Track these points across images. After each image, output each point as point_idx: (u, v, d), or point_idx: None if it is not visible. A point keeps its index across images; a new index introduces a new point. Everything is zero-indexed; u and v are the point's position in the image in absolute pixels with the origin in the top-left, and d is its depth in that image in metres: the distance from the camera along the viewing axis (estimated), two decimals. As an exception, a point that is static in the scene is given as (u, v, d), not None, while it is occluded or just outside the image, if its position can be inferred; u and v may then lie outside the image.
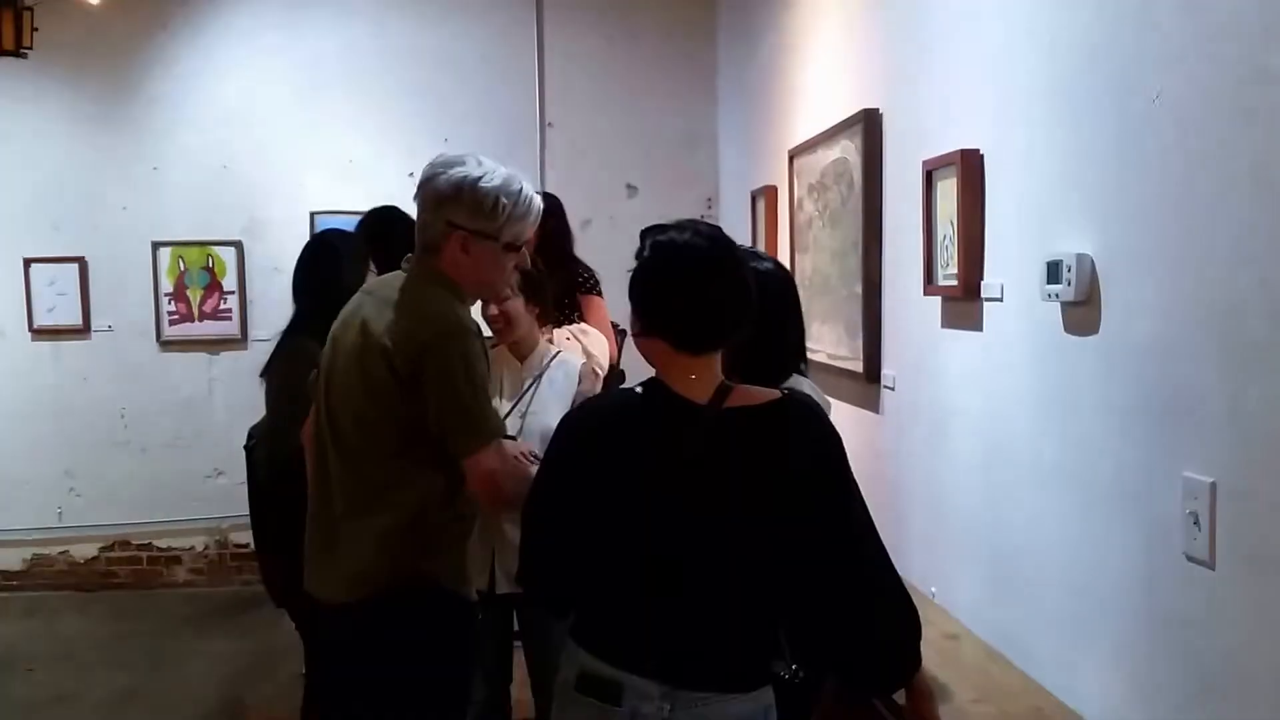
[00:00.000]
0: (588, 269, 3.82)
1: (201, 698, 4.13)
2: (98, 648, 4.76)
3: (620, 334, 3.84)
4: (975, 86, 2.45)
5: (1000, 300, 2.32)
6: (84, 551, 5.64)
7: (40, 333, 5.54)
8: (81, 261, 5.51)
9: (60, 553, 5.64)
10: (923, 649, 1.74)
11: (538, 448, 2.08)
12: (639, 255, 1.69)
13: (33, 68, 4.96)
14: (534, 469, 2.07)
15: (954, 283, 2.49)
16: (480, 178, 2.03)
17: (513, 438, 2.54)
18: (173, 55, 5.52)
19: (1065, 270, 1.95)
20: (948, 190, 2.51)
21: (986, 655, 2.33)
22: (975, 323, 2.44)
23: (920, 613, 1.75)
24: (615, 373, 3.82)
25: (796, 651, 1.72)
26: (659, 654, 1.59)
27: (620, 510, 1.62)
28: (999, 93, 2.33)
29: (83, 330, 5.55)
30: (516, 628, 2.82)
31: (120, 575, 5.65)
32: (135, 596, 5.52)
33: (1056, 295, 1.99)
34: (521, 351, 2.78)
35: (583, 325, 3.44)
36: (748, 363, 1.95)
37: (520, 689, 2.83)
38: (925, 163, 2.63)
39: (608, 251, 4.22)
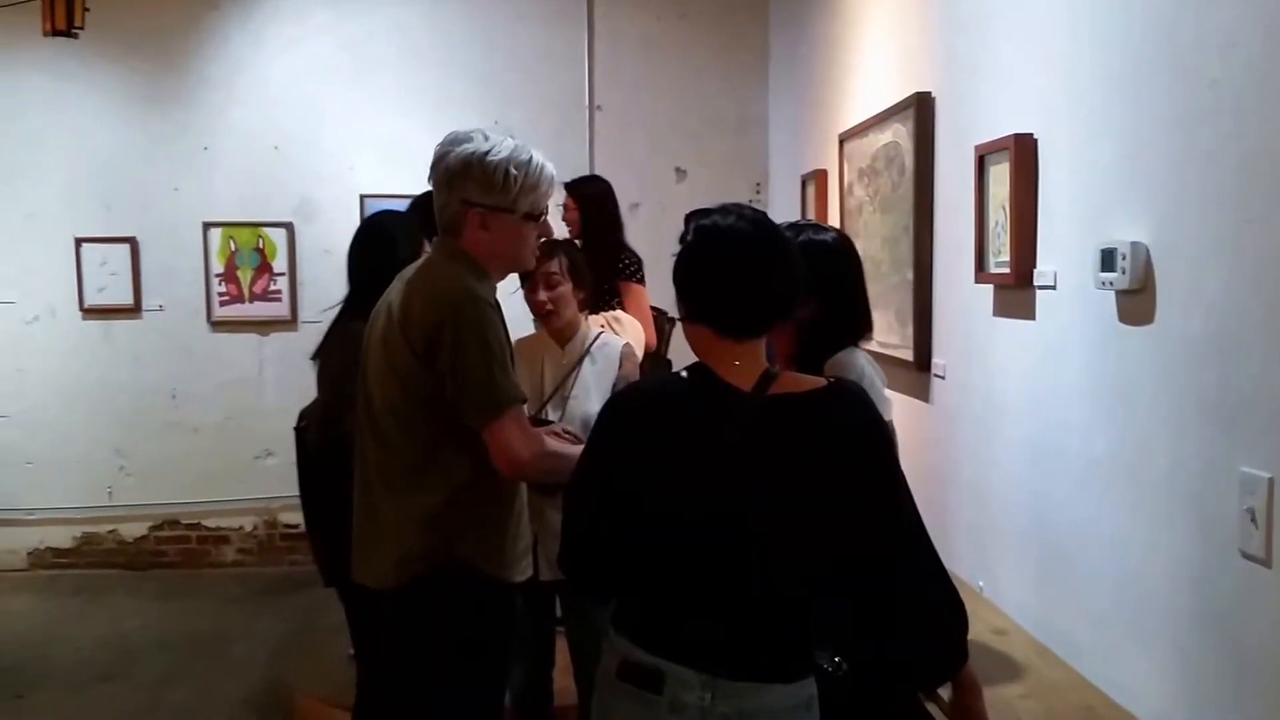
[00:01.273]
0: (632, 255, 3.83)
1: (248, 678, 4.24)
2: (145, 627, 4.90)
3: (670, 322, 3.86)
4: (1029, 70, 2.43)
5: (1053, 288, 2.30)
6: (133, 530, 5.81)
7: (91, 312, 5.69)
8: (133, 241, 5.65)
9: (109, 531, 5.81)
10: (969, 643, 1.74)
11: (580, 433, 2.10)
12: (683, 239, 1.70)
13: (84, 48, 5.06)
14: (568, 445, 2.09)
15: (1006, 270, 2.48)
16: (487, 152, 2.06)
17: (549, 421, 2.59)
18: (223, 35, 5.63)
19: (1120, 258, 1.94)
20: (1000, 175, 2.49)
21: (1035, 650, 2.33)
22: (1027, 311, 2.43)
23: (967, 606, 1.74)
24: (661, 360, 3.84)
25: (840, 643, 1.74)
26: (701, 643, 1.61)
27: (663, 497, 1.64)
28: (1053, 76, 2.30)
29: (134, 310, 5.70)
30: (559, 614, 2.86)
31: (169, 555, 5.81)
32: (184, 576, 5.67)
33: (1111, 284, 1.98)
34: (563, 336, 2.81)
35: (616, 313, 3.45)
36: (811, 332, 2.01)
37: (562, 676, 2.87)
38: (978, 147, 2.62)
39: (656, 236, 4.25)
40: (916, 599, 1.68)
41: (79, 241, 5.62)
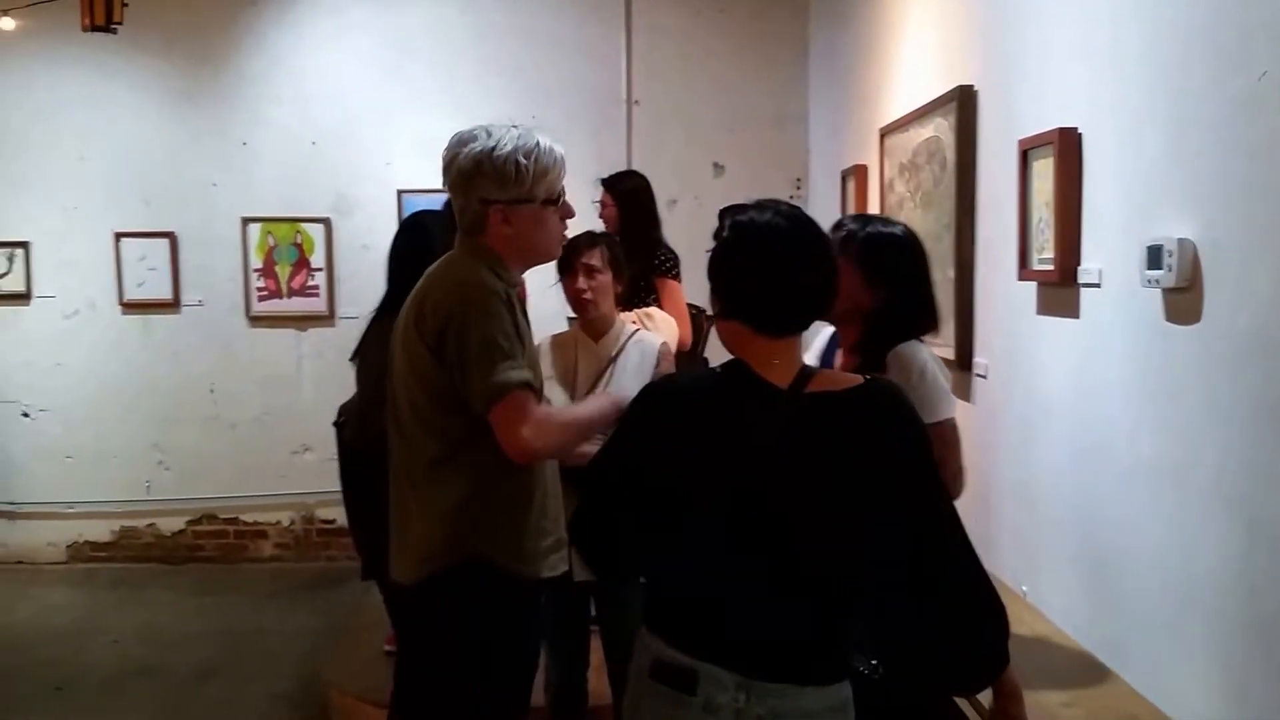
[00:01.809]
0: (668, 251, 3.83)
1: (283, 673, 4.30)
2: (182, 621, 4.99)
3: (708, 319, 3.86)
4: (1074, 63, 2.41)
5: (1098, 286, 2.28)
6: (171, 525, 5.91)
7: (130, 306, 5.79)
8: (171, 236, 5.75)
9: (148, 525, 5.91)
10: (1011, 649, 1.73)
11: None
12: (717, 235, 1.70)
13: (123, 43, 5.13)
14: (579, 410, 2.08)
15: (1050, 267, 2.46)
16: (494, 147, 2.07)
17: None
18: (261, 30, 5.71)
19: (1166, 255, 1.91)
20: (1044, 170, 2.47)
21: (1078, 657, 2.31)
22: (1071, 309, 2.41)
23: (1010, 610, 1.73)
24: (697, 359, 3.84)
25: (877, 646, 1.73)
26: (735, 643, 1.61)
27: (697, 494, 1.64)
28: (1099, 70, 2.28)
29: (173, 305, 5.80)
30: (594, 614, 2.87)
31: (207, 549, 5.91)
32: (221, 570, 5.76)
33: (1157, 281, 1.96)
34: (597, 330, 2.82)
35: (650, 310, 3.45)
36: (875, 323, 2.04)
37: (596, 676, 2.89)
38: (1021, 142, 2.60)
39: (693, 232, 4.25)
40: (956, 602, 1.67)
41: (118, 236, 5.73)
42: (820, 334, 2.35)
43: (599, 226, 3.97)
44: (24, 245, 5.75)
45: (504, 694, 2.16)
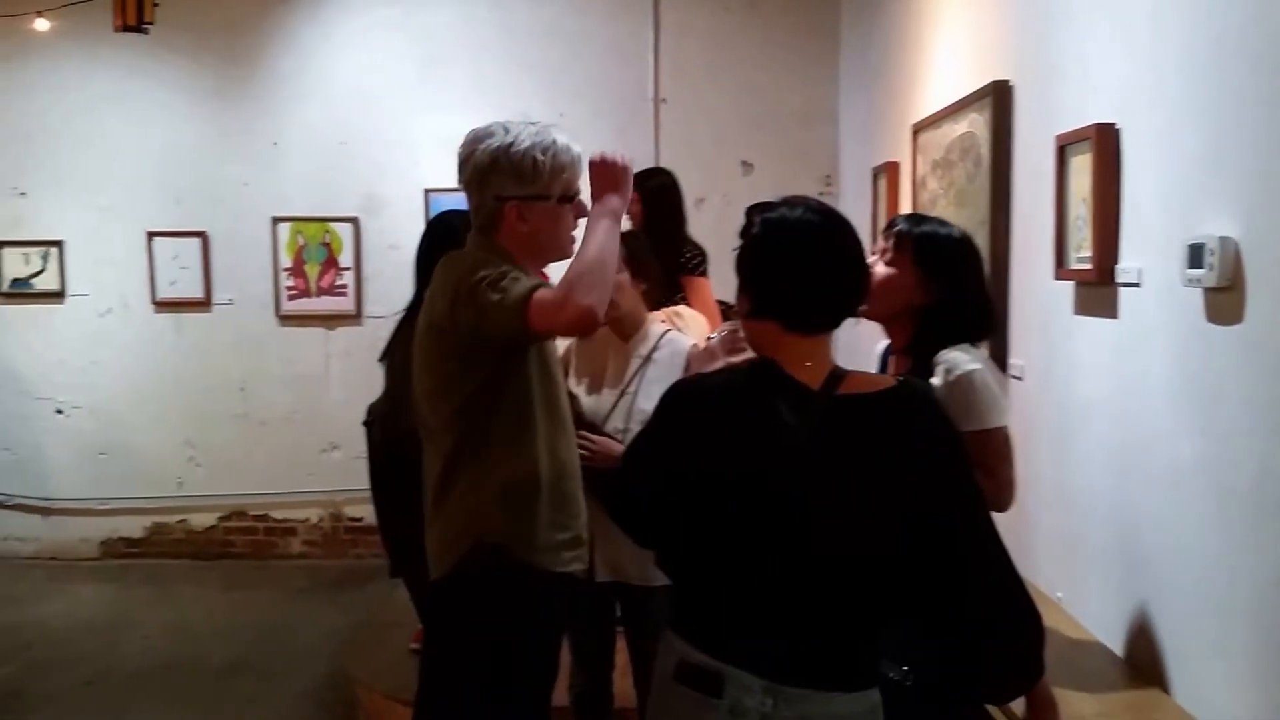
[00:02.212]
0: (695, 248, 3.80)
1: (311, 670, 4.33)
2: (212, 616, 5.04)
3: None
4: (1113, 57, 2.37)
5: (1137, 285, 2.24)
6: (202, 521, 5.97)
7: (163, 305, 5.85)
8: (203, 236, 5.80)
9: (179, 521, 5.97)
10: (1046, 657, 1.70)
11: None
12: (745, 233, 1.68)
13: (155, 43, 5.19)
14: (586, 252, 2.00)
15: (1087, 266, 2.42)
16: (512, 143, 2.08)
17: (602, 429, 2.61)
18: (291, 29, 5.74)
19: (1208, 254, 1.87)
20: (1082, 167, 2.43)
21: (1115, 666, 2.27)
22: (1110, 309, 2.37)
23: (1045, 618, 1.71)
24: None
25: (909, 653, 1.70)
26: (762, 646, 1.59)
27: (723, 496, 1.62)
28: (1138, 63, 2.24)
29: (204, 303, 5.85)
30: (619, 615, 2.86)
31: (237, 545, 5.96)
32: (250, 566, 5.81)
33: (1198, 281, 1.92)
34: (625, 330, 2.80)
35: (678, 308, 3.41)
36: (927, 323, 2.03)
37: (622, 678, 2.87)
38: (1058, 137, 2.56)
39: (721, 231, 4.18)
40: (990, 608, 1.64)
41: (150, 235, 5.79)
42: (878, 347, 2.33)
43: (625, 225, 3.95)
44: (58, 244, 5.82)
45: (524, 691, 2.16)
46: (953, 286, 2.06)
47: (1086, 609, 2.51)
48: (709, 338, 2.03)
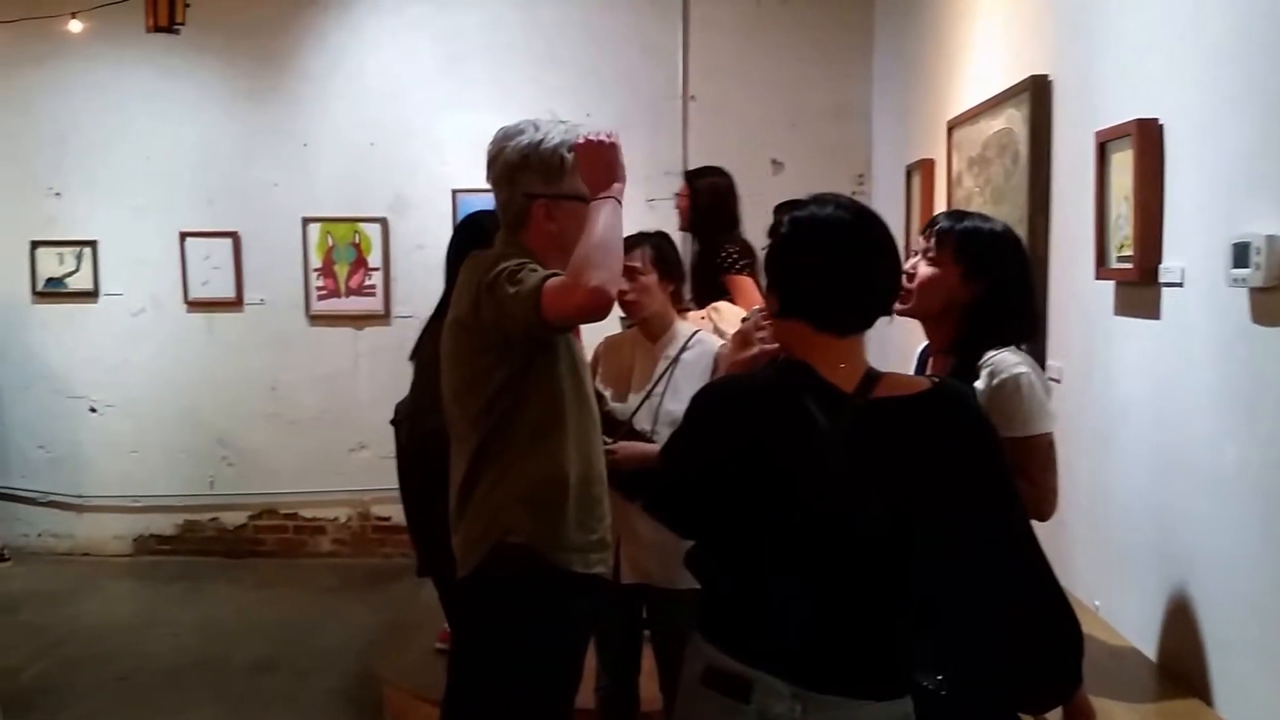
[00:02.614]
0: (737, 247, 3.75)
1: (338, 668, 4.34)
2: (242, 614, 5.08)
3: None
4: (1155, 50, 2.32)
5: (1180, 285, 2.19)
6: (233, 519, 6.02)
7: (195, 305, 5.91)
8: (235, 236, 5.85)
9: (211, 519, 6.03)
10: (1084, 666, 1.66)
11: (664, 438, 2.08)
12: (774, 232, 1.66)
13: (186, 44, 5.25)
14: (589, 233, 1.98)
15: (1129, 266, 2.38)
16: (542, 140, 2.08)
17: (633, 427, 2.58)
18: (322, 29, 5.77)
19: (1254, 253, 1.83)
20: (1123, 164, 2.39)
21: (1155, 676, 2.23)
22: (1152, 310, 2.32)
23: (1083, 626, 1.68)
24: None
25: (943, 661, 1.67)
26: (791, 652, 1.57)
27: (754, 499, 1.60)
28: (1181, 57, 2.19)
29: (236, 303, 5.90)
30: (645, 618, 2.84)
31: (267, 544, 6.01)
32: (280, 565, 5.85)
33: (1244, 280, 1.87)
34: (653, 331, 2.79)
35: (717, 305, 3.40)
36: (970, 322, 2.00)
37: (648, 681, 2.86)
38: (1098, 134, 2.51)
39: (750, 231, 4.19)
40: (1027, 616, 1.62)
41: (183, 236, 5.84)
42: (916, 351, 2.29)
43: (652, 225, 3.94)
44: (91, 244, 5.89)
45: (549, 693, 2.15)
46: (996, 283, 2.02)
47: (1125, 616, 2.46)
48: (744, 318, 2.00)
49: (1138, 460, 2.40)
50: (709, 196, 3.88)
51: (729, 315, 3.27)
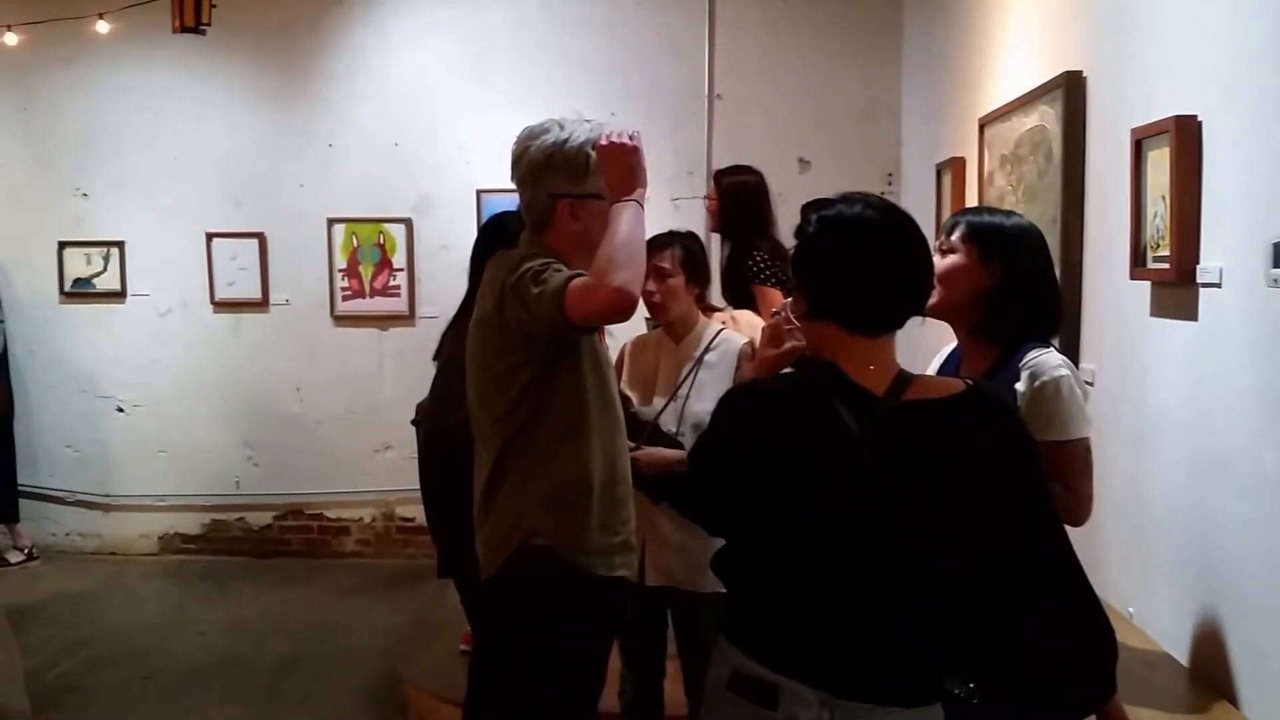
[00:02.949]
0: (767, 254, 3.62)
1: (362, 669, 4.36)
2: (267, 614, 5.11)
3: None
4: (1193, 45, 2.29)
5: (1218, 286, 2.16)
6: (259, 519, 6.06)
7: (221, 305, 5.95)
8: (261, 237, 5.89)
9: (237, 519, 6.07)
10: (1117, 674, 1.64)
11: (689, 439, 2.07)
12: (801, 231, 1.65)
13: (212, 44, 5.29)
14: (613, 232, 1.97)
15: (1165, 266, 2.34)
16: (566, 139, 2.08)
17: (659, 427, 2.57)
18: (347, 30, 5.80)
19: (1297, 253, 1.79)
20: (1160, 162, 2.36)
21: (1190, 685, 2.20)
22: (1189, 311, 2.29)
23: (1116, 634, 1.65)
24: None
25: (975, 668, 1.66)
26: (820, 658, 1.55)
27: (783, 503, 1.59)
28: (1220, 52, 2.16)
29: (262, 304, 5.94)
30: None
31: (292, 544, 6.05)
32: (305, 565, 5.88)
33: (1286, 281, 1.84)
34: (678, 332, 2.78)
35: (735, 313, 3.33)
36: (997, 305, 1.98)
37: (672, 685, 2.85)
38: (1134, 131, 2.48)
39: (776, 231, 4.17)
40: (1060, 623, 1.60)
41: (210, 236, 5.89)
42: (939, 353, 2.27)
43: (679, 225, 3.92)
44: (119, 244, 5.95)
45: (571, 696, 2.15)
46: (1013, 266, 2.01)
47: (1159, 623, 2.43)
48: (775, 312, 1.98)
49: (1174, 465, 2.37)
50: (734, 196, 3.81)
51: (746, 327, 3.16)
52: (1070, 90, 2.94)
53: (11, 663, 0.88)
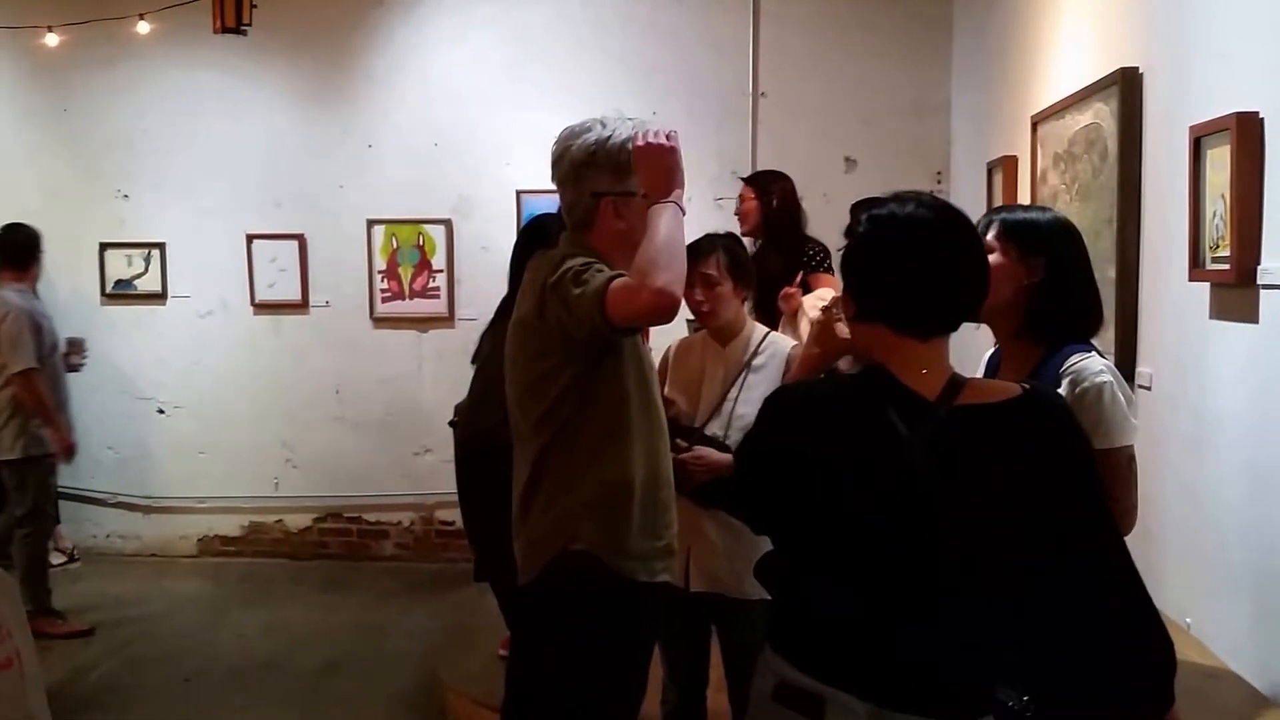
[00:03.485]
0: (817, 245, 3.87)
1: (401, 673, 4.41)
2: (307, 617, 5.18)
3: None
4: (1254, 39, 2.26)
5: (1280, 288, 2.13)
6: (298, 522, 6.14)
7: (262, 307, 6.04)
8: (301, 238, 5.97)
9: (276, 521, 6.16)
10: (1175, 686, 1.62)
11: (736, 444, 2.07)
12: (851, 231, 1.64)
13: (253, 45, 5.36)
14: (652, 236, 1.98)
15: (1225, 267, 2.32)
16: (609, 137, 2.09)
17: (704, 432, 2.57)
18: (388, 30, 5.87)
19: (1365, 254, 1.76)
20: (1220, 160, 2.33)
21: (1250, 698, 2.18)
22: (1249, 313, 2.26)
23: (1174, 645, 1.63)
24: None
25: (1028, 679, 1.65)
26: (868, 669, 1.55)
27: (832, 510, 1.58)
28: (1284, 45, 2.13)
29: (301, 306, 6.02)
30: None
31: (331, 546, 6.12)
32: (344, 568, 5.96)
33: (1353, 283, 1.81)
34: (725, 336, 2.79)
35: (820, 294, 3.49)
36: (1040, 302, 1.97)
37: (716, 694, 2.85)
38: (1193, 128, 2.46)
39: (820, 231, 4.18)
40: (1117, 634, 1.58)
41: (250, 238, 5.97)
42: (981, 359, 2.26)
43: (721, 225, 3.94)
44: (160, 246, 6.05)
45: (611, 705, 2.16)
46: (1060, 262, 1.99)
47: (1218, 635, 2.40)
48: (825, 308, 1.98)
49: (1234, 472, 2.34)
50: (784, 201, 3.99)
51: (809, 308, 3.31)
52: (1126, 87, 2.92)
53: (35, 674, 0.91)
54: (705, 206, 4.16)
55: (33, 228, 5.02)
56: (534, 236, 3.19)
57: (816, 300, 3.26)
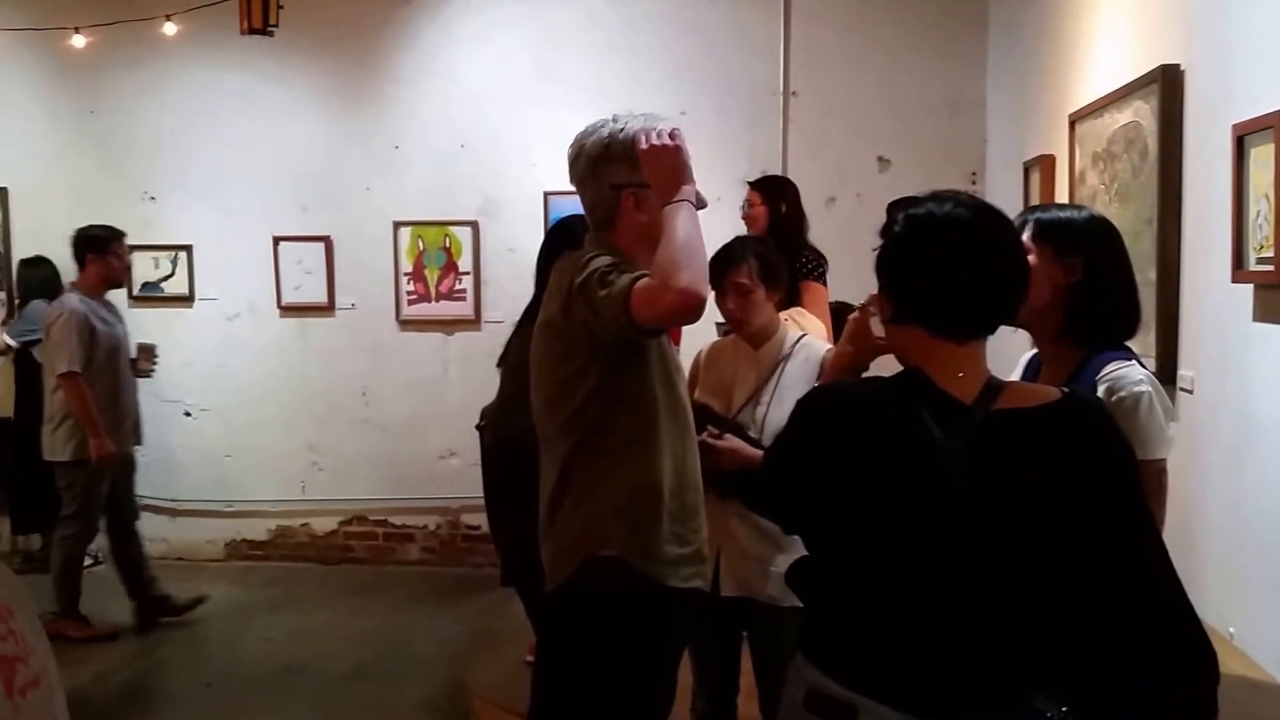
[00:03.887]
0: (812, 252, 3.87)
1: (428, 677, 4.44)
2: (333, 621, 5.23)
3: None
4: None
5: (1328, 289, 2.10)
6: (324, 525, 6.19)
7: (288, 310, 6.10)
8: (327, 241, 6.02)
9: (302, 525, 6.21)
10: (1219, 698, 1.61)
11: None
12: (887, 231, 1.64)
13: (280, 46, 5.42)
14: (670, 237, 1.98)
15: (1269, 268, 2.31)
16: (622, 129, 2.12)
17: (739, 428, 2.57)
18: (414, 31, 5.91)
19: None
20: (1264, 158, 2.31)
21: (1298, 711, 2.14)
22: (1295, 316, 2.24)
23: (1217, 655, 1.61)
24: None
25: (1067, 689, 1.64)
26: (901, 678, 1.54)
27: (866, 515, 1.58)
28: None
29: (328, 308, 6.07)
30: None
31: (357, 550, 6.17)
32: (370, 572, 6.00)
33: (1402, 285, 1.79)
34: (757, 339, 2.79)
35: (801, 309, 3.45)
36: (1079, 302, 1.95)
37: (746, 700, 2.85)
38: (1235, 127, 2.44)
39: (853, 231, 4.18)
40: (1158, 643, 1.56)
41: (276, 240, 6.03)
42: (1018, 363, 2.25)
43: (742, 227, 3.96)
44: (186, 248, 6.13)
45: (639, 711, 2.16)
46: (1097, 261, 1.98)
47: (1263, 646, 2.38)
48: (861, 305, 1.97)
49: (1276, 476, 2.32)
50: (793, 208, 4.00)
51: (811, 325, 3.27)
52: (1167, 84, 2.90)
53: (57, 685, 0.93)
54: (735, 207, 4.16)
55: (97, 228, 5.00)
56: (560, 238, 3.20)
57: (797, 316, 3.27)
